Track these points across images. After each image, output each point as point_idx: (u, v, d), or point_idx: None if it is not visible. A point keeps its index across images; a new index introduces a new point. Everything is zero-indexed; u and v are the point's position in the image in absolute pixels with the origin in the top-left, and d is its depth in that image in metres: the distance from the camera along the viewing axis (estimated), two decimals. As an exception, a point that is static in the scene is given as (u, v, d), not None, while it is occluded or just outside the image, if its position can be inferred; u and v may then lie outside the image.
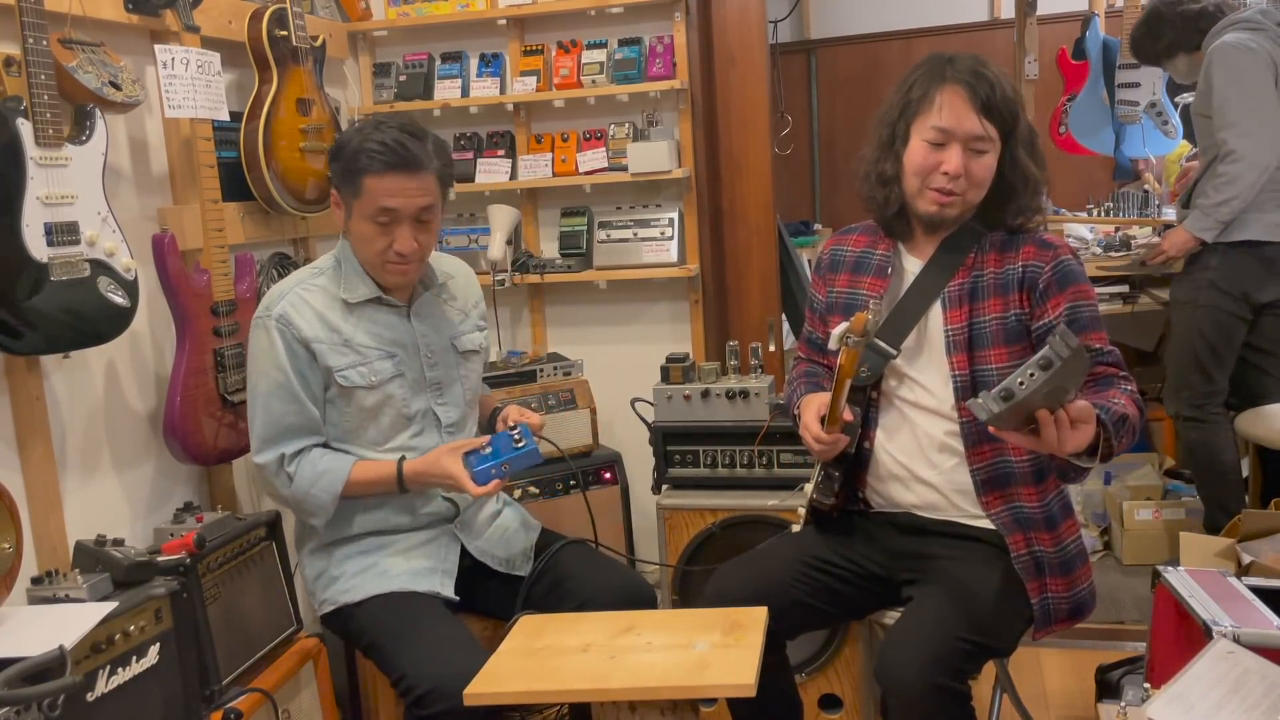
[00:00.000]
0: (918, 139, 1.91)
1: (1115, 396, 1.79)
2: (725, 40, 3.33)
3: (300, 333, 2.10)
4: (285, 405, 2.10)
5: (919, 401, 1.98)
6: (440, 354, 2.24)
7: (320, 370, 2.12)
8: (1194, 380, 3.19)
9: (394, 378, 2.15)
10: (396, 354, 2.17)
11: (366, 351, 2.14)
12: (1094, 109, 4.32)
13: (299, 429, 2.12)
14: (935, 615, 1.83)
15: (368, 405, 2.14)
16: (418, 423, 2.20)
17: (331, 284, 2.16)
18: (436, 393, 2.23)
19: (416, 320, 2.21)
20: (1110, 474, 3.83)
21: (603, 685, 1.70)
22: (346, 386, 2.12)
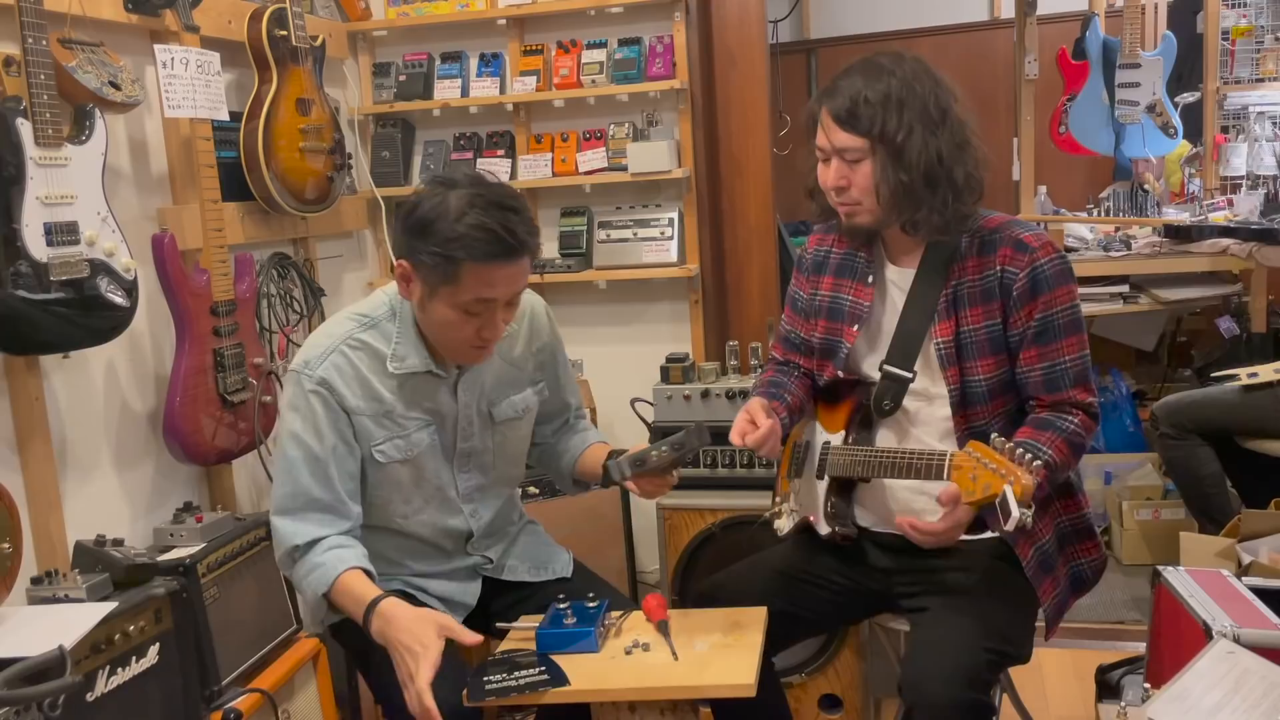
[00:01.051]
0: (818, 159, 1.96)
1: (1047, 443, 1.80)
2: (725, 40, 3.33)
3: (344, 401, 1.88)
4: (313, 479, 1.87)
5: (919, 418, 1.97)
6: (478, 422, 2.01)
7: (359, 440, 1.91)
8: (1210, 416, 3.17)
9: (428, 448, 1.96)
10: (434, 423, 1.96)
11: (406, 423, 1.93)
12: (1094, 109, 4.32)
13: (322, 507, 1.88)
14: (957, 628, 1.81)
15: (400, 479, 1.95)
16: (447, 492, 2.01)
17: (379, 342, 1.91)
18: (464, 463, 2.02)
19: (463, 389, 1.97)
20: (1110, 474, 3.83)
21: (602, 685, 1.70)
22: (382, 462, 1.92)
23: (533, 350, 2.07)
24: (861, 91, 1.84)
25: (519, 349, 2.04)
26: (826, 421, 2.08)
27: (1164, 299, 3.89)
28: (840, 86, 1.88)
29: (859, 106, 1.84)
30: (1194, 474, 3.21)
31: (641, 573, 3.28)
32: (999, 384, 1.90)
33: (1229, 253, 3.72)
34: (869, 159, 1.85)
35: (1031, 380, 1.88)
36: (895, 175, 1.83)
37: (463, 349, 1.88)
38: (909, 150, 1.82)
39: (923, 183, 1.83)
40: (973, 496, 1.65)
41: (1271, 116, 4.37)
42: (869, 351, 2.01)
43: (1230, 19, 4.40)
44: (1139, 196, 4.39)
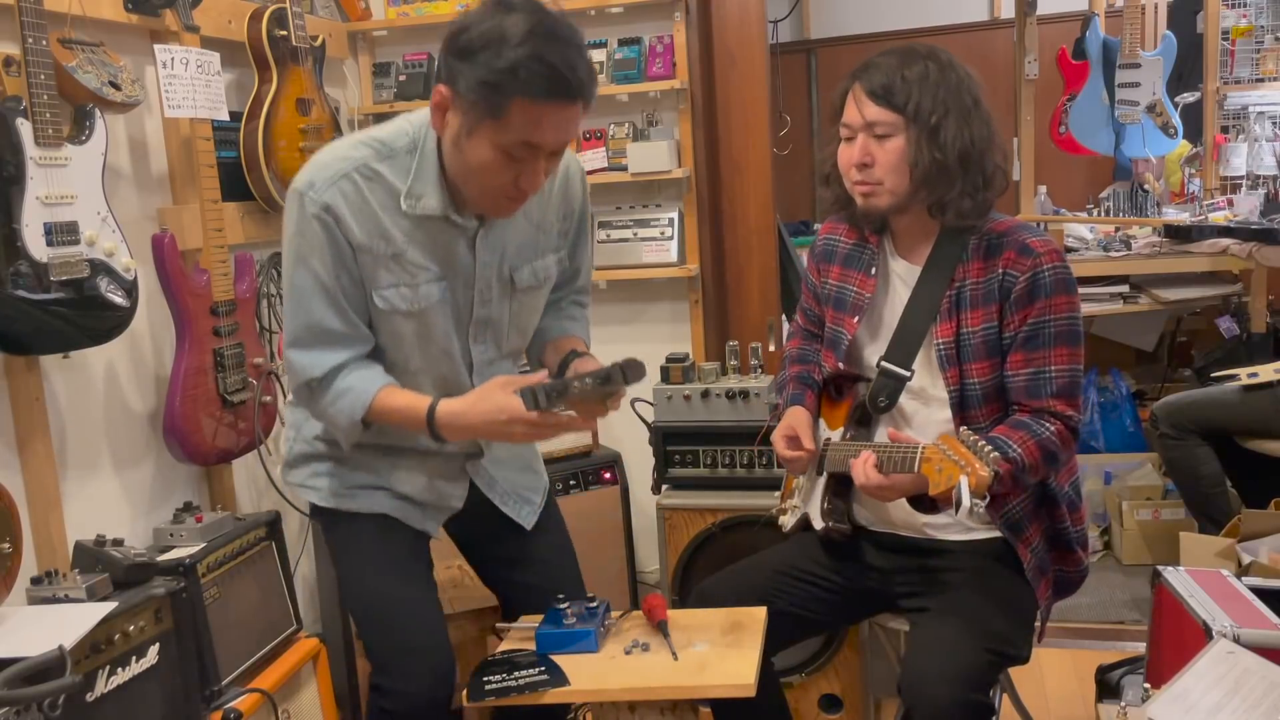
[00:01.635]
0: (840, 140, 1.95)
1: (1017, 442, 1.79)
2: (725, 40, 3.33)
3: (350, 233, 1.71)
4: (326, 310, 1.74)
5: (916, 419, 1.97)
6: (496, 286, 1.84)
7: (363, 279, 1.75)
8: (1210, 417, 3.17)
9: (438, 304, 1.78)
10: (447, 279, 1.78)
11: (416, 272, 1.75)
12: (1094, 109, 4.32)
13: (340, 337, 1.76)
14: (956, 629, 1.82)
15: (403, 333, 1.79)
16: (455, 359, 1.85)
17: (395, 176, 1.72)
18: (481, 330, 1.86)
19: (483, 247, 1.79)
20: (1110, 474, 3.84)
21: (602, 685, 1.70)
22: (384, 310, 1.76)
23: (561, 215, 1.89)
24: (898, 70, 1.85)
25: (549, 212, 1.86)
26: (829, 418, 2.08)
27: (1164, 299, 3.89)
28: (875, 64, 1.88)
29: (895, 82, 1.85)
30: (1194, 474, 3.22)
31: (641, 573, 3.28)
32: (994, 388, 1.90)
33: (1229, 253, 3.72)
34: (899, 136, 1.85)
35: (1015, 384, 1.88)
36: (930, 153, 1.84)
37: (494, 198, 1.69)
38: (944, 131, 1.84)
39: (957, 163, 1.84)
40: (938, 488, 1.65)
41: (1271, 116, 4.37)
42: (870, 343, 2.01)
43: (1230, 19, 4.40)
44: (1139, 196, 4.39)
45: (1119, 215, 4.32)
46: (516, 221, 1.80)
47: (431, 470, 1.95)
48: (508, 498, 2.03)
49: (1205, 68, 4.37)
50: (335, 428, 1.82)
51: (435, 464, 1.95)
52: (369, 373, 1.78)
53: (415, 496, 1.95)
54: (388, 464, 1.93)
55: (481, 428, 1.71)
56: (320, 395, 1.77)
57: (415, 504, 1.96)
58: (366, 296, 1.75)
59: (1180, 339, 4.73)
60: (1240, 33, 4.39)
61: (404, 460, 1.93)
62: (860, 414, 2.01)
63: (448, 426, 1.73)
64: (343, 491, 1.94)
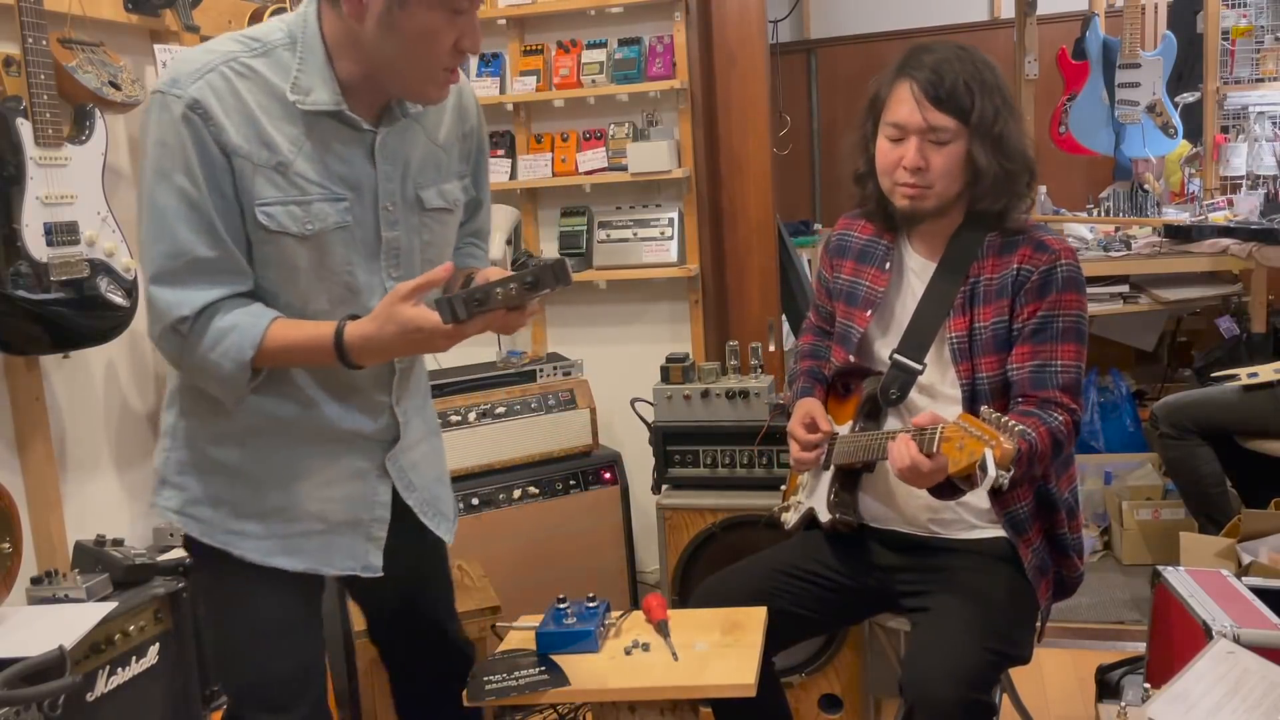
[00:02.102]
0: (881, 137, 1.92)
1: (1031, 426, 1.78)
2: (725, 40, 3.33)
3: (222, 134, 1.45)
4: (196, 233, 1.46)
5: (929, 412, 1.97)
6: (403, 207, 1.60)
7: (239, 193, 1.48)
8: (1210, 416, 3.17)
9: (338, 229, 1.53)
10: (346, 198, 1.53)
11: (307, 187, 1.50)
12: (1094, 109, 4.32)
13: (213, 267, 1.48)
14: (959, 628, 1.81)
15: (297, 263, 1.52)
16: (361, 298, 1.58)
17: (274, 74, 1.49)
18: (392, 261, 1.60)
19: (382, 156, 1.57)
20: (1110, 474, 3.83)
21: (602, 685, 1.70)
22: (271, 230, 1.49)
23: (459, 135, 1.70)
24: (957, 72, 1.84)
25: (444, 131, 1.66)
26: (836, 414, 2.09)
27: (1164, 299, 3.89)
28: (927, 63, 1.86)
29: (958, 87, 1.83)
30: (1194, 474, 3.21)
31: (641, 573, 3.28)
32: (1002, 382, 1.91)
33: (1229, 253, 3.72)
34: (959, 142, 1.85)
35: (1020, 376, 1.88)
36: (999, 162, 1.84)
37: (431, 72, 1.50)
38: (1008, 139, 1.85)
39: (1022, 171, 1.87)
40: (958, 465, 1.64)
41: (1271, 116, 4.37)
42: (880, 337, 2.02)
43: (1230, 19, 4.40)
44: (1139, 196, 4.39)
45: (1119, 215, 4.32)
46: (415, 135, 1.61)
47: (346, 470, 1.66)
48: (426, 507, 1.77)
49: (1205, 68, 4.37)
50: (216, 379, 1.51)
51: (351, 461, 1.66)
52: (254, 307, 1.51)
53: (334, 515, 1.65)
54: (290, 474, 1.62)
55: (400, 346, 1.48)
56: (194, 340, 1.48)
57: (338, 529, 1.65)
58: (245, 219, 1.48)
59: (1180, 339, 4.73)
60: (1240, 33, 4.39)
61: (312, 460, 1.63)
62: (870, 407, 2.01)
63: (360, 350, 1.48)
64: (235, 527, 1.61)
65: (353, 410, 1.64)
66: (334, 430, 1.62)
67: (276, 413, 1.59)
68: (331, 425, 1.62)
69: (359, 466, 1.67)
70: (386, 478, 1.70)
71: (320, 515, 1.64)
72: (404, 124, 1.59)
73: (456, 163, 1.70)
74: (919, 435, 1.73)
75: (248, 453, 1.60)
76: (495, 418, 2.93)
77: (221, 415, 1.58)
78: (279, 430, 1.60)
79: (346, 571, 1.67)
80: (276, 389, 1.57)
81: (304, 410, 1.60)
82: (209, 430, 1.61)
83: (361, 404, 1.65)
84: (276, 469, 1.61)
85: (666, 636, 1.79)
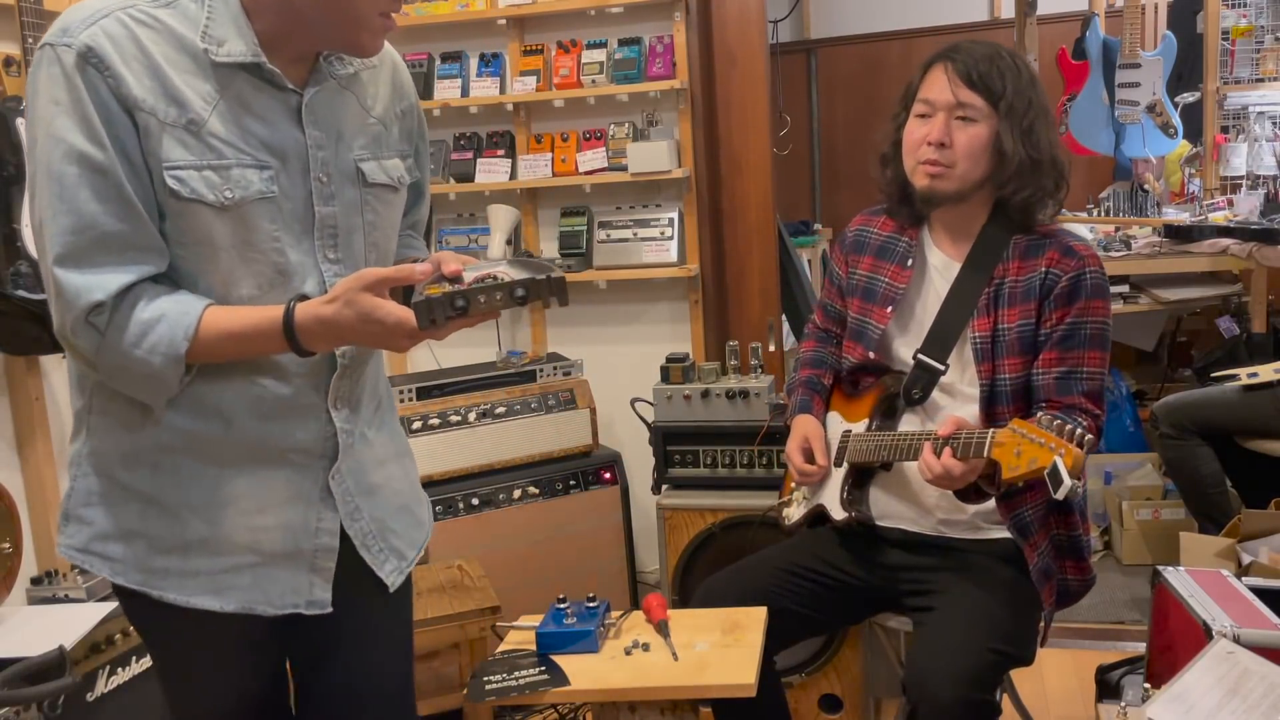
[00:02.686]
0: (911, 116, 1.95)
1: None
2: (725, 40, 3.33)
3: (122, 86, 1.24)
4: (102, 202, 1.24)
5: (945, 411, 1.97)
6: (339, 180, 1.40)
7: (146, 156, 1.27)
8: (1210, 417, 3.18)
9: (261, 201, 1.32)
10: (270, 166, 1.33)
11: (223, 149, 1.29)
12: (1094, 109, 4.32)
13: (124, 245, 1.26)
14: (963, 628, 1.82)
15: (215, 240, 1.30)
16: (294, 282, 1.36)
17: (182, 25, 1.29)
18: (328, 241, 1.39)
19: (310, 120, 1.36)
20: (1110, 474, 3.83)
21: (602, 685, 1.70)
22: (184, 197, 1.27)
23: (397, 111, 1.50)
24: (992, 59, 1.88)
25: (380, 105, 1.47)
26: (846, 410, 2.09)
27: (1164, 299, 3.89)
28: (968, 49, 1.90)
29: (991, 71, 1.87)
30: (1194, 474, 3.21)
31: (641, 573, 3.28)
32: (1023, 385, 1.91)
33: (1229, 253, 3.72)
34: (984, 123, 1.87)
35: (1045, 381, 1.89)
36: (1026, 150, 1.87)
37: (363, 18, 1.32)
38: (1038, 133, 1.88)
39: (1050, 168, 1.89)
40: (1016, 472, 1.65)
41: (1271, 116, 4.37)
42: (900, 335, 2.02)
43: (1230, 19, 4.40)
44: (1139, 196, 4.39)
45: (1119, 215, 4.32)
46: (347, 102, 1.41)
47: (282, 493, 1.40)
48: (371, 540, 1.48)
49: (1205, 68, 4.37)
50: (142, 378, 1.29)
51: (286, 482, 1.41)
52: (180, 294, 1.30)
53: (268, 545, 1.40)
54: (214, 499, 1.37)
55: (354, 335, 1.29)
56: (114, 334, 1.26)
57: (274, 561, 1.41)
58: (153, 184, 1.28)
59: (1180, 339, 4.73)
60: (1240, 33, 4.39)
61: (238, 482, 1.38)
62: (888, 405, 2.02)
63: (312, 332, 1.29)
64: (153, 564, 1.37)
65: (281, 420, 1.39)
66: (261, 446, 1.38)
67: (191, 427, 1.35)
68: (257, 439, 1.37)
69: (297, 488, 1.41)
70: (330, 499, 1.44)
71: (252, 546, 1.39)
72: (333, 88, 1.39)
73: (397, 140, 1.50)
74: (958, 439, 1.74)
75: (162, 476, 1.36)
76: (495, 418, 2.93)
77: (132, 432, 1.35)
78: (196, 448, 1.36)
79: (287, 609, 1.41)
80: (188, 400, 1.34)
81: (222, 423, 1.36)
82: (118, 451, 1.36)
83: (289, 410, 1.39)
84: (197, 494, 1.36)
85: (667, 636, 1.79)
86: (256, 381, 1.36)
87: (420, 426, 2.85)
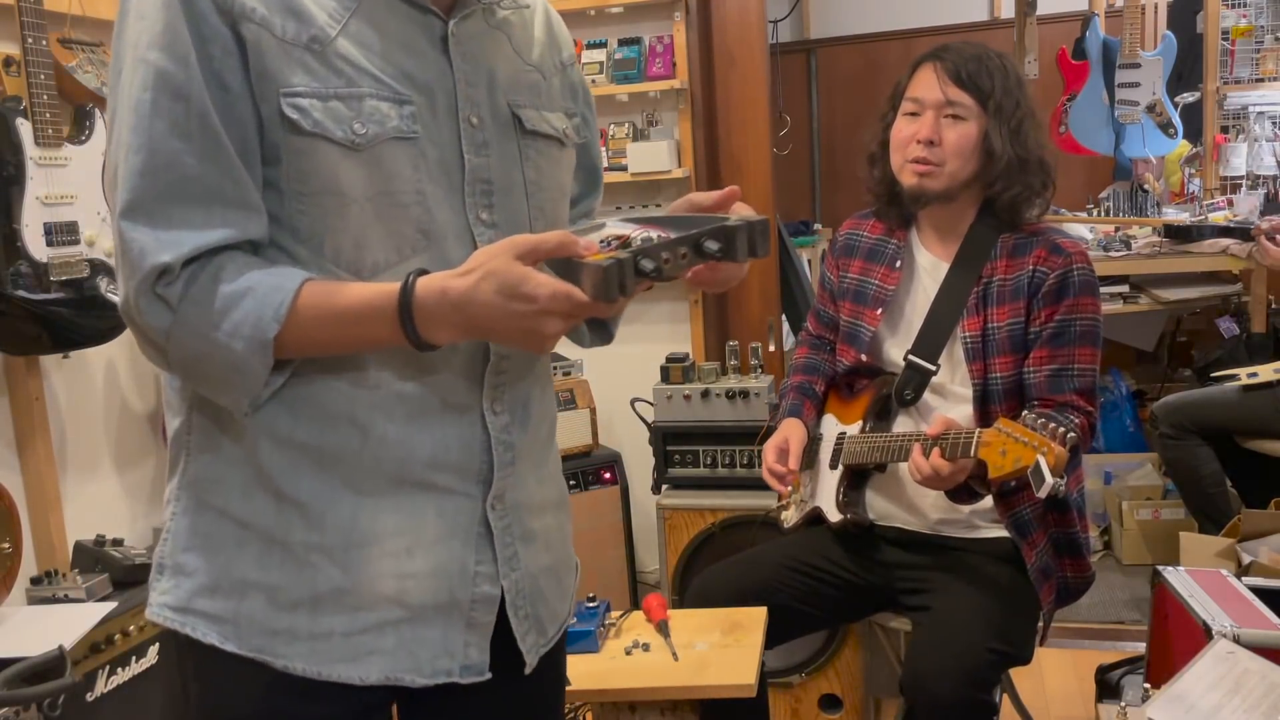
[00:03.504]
0: (899, 115, 1.96)
1: None
2: (725, 40, 3.33)
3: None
4: (183, 137, 0.97)
5: (938, 412, 1.97)
6: (493, 126, 1.12)
7: (254, 81, 1.00)
8: (1210, 416, 3.18)
9: (400, 142, 1.04)
10: (412, 101, 1.05)
11: (356, 76, 1.03)
12: (1094, 109, 4.32)
13: (208, 195, 0.98)
14: (961, 626, 1.82)
15: (344, 189, 1.02)
16: (441, 248, 1.07)
17: None
18: (482, 199, 1.10)
19: (459, 52, 1.09)
20: (1110, 474, 3.83)
21: (602, 685, 1.70)
22: (305, 130, 1.00)
23: (556, 63, 1.24)
24: (981, 60, 1.89)
25: (537, 51, 1.21)
26: (841, 413, 2.09)
27: (1164, 299, 3.89)
28: (953, 48, 1.92)
29: (980, 71, 1.88)
30: (1194, 474, 3.22)
31: (641, 573, 3.28)
32: (1015, 383, 1.92)
33: (1229, 253, 3.72)
34: (973, 122, 1.88)
35: (1037, 380, 1.89)
36: (1014, 149, 1.88)
37: None
38: (1026, 133, 1.89)
39: (1038, 167, 1.90)
40: (1002, 471, 1.66)
41: (1271, 116, 4.37)
42: (891, 336, 2.02)
43: (1230, 19, 4.40)
44: (1139, 196, 4.39)
45: (1119, 215, 4.32)
46: (498, 42, 1.16)
47: (433, 528, 1.09)
48: (522, 600, 1.16)
49: (1205, 68, 4.37)
50: (220, 368, 1.00)
51: (438, 512, 1.09)
52: (276, 267, 1.01)
53: (416, 595, 1.09)
54: (352, 536, 1.06)
55: (492, 320, 0.97)
56: (190, 309, 0.98)
57: (424, 616, 1.09)
58: (264, 122, 1.00)
59: (1180, 339, 4.73)
60: (1240, 33, 4.39)
61: (381, 514, 1.07)
62: (881, 407, 2.02)
63: (434, 314, 0.98)
64: (275, 624, 1.06)
65: (429, 426, 1.07)
66: (407, 462, 1.07)
67: (319, 441, 1.05)
68: (402, 454, 1.06)
69: (451, 521, 1.10)
70: (489, 535, 1.12)
71: (398, 598, 1.08)
72: (480, 21, 1.13)
73: (559, 92, 1.24)
74: (945, 440, 1.74)
75: (287, 509, 1.05)
76: (495, 418, 2.92)
77: (246, 451, 1.05)
78: (327, 468, 1.05)
79: (439, 678, 1.10)
80: (309, 405, 1.05)
81: (357, 433, 1.05)
82: (230, 476, 1.06)
83: (439, 412, 1.08)
84: (332, 532, 1.05)
85: (667, 636, 1.79)
86: (394, 374, 1.06)
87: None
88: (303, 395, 1.05)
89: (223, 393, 1.03)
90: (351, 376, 1.05)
